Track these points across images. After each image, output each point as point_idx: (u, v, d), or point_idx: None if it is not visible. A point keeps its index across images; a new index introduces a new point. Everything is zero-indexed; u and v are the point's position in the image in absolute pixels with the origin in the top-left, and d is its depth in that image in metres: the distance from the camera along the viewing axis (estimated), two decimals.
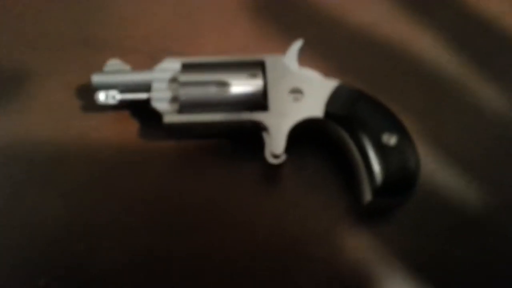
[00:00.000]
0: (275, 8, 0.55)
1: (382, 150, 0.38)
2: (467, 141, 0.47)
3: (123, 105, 0.47)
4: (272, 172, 0.45)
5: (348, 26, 0.54)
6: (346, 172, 0.43)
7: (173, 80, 0.44)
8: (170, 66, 0.45)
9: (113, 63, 0.47)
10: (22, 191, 0.46)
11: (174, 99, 0.44)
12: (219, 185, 0.46)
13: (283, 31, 0.53)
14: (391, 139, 0.39)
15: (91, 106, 0.49)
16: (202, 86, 0.43)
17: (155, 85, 0.44)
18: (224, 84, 0.42)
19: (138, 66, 0.49)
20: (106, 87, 0.46)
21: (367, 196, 0.39)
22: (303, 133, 0.44)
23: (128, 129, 0.49)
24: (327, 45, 0.52)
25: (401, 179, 0.38)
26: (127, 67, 0.47)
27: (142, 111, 0.48)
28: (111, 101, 0.46)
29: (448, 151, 0.46)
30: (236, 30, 0.54)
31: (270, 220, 0.45)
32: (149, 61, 0.51)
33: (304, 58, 0.47)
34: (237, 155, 0.46)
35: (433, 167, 0.45)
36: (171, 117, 0.43)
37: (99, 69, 0.48)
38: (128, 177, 0.47)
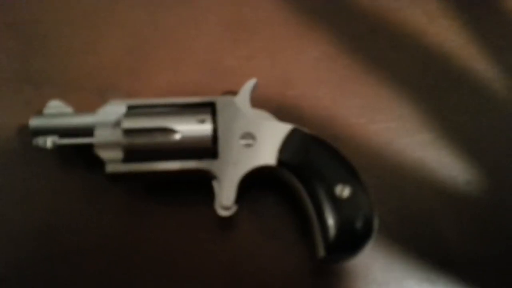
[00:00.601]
0: (229, 42, 0.53)
1: (336, 203, 0.37)
2: None
3: (64, 149, 0.44)
4: (225, 219, 0.43)
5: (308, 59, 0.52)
6: (302, 220, 0.41)
7: (117, 124, 0.41)
8: (114, 108, 0.42)
9: (54, 105, 0.44)
10: None
11: (117, 145, 0.41)
12: (168, 233, 0.43)
13: (237, 67, 0.51)
14: (344, 191, 0.37)
15: (32, 149, 0.45)
16: (147, 134, 0.40)
17: (98, 131, 0.42)
18: (171, 131, 0.40)
19: (84, 103, 0.46)
20: (46, 131, 0.42)
21: (321, 251, 0.37)
22: (256, 179, 0.42)
23: (70, 175, 0.46)
24: (284, 84, 0.49)
25: (355, 234, 0.36)
26: (68, 109, 0.44)
27: (85, 155, 0.44)
28: (49, 146, 0.42)
29: None
30: (188, 65, 0.52)
31: (223, 270, 0.42)
32: (96, 98, 0.49)
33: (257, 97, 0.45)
34: (187, 202, 0.44)
35: None
36: (114, 167, 0.40)
37: (42, 107, 0.45)
38: (72, 224, 0.44)
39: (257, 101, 0.45)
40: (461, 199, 0.45)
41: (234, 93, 0.46)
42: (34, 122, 0.42)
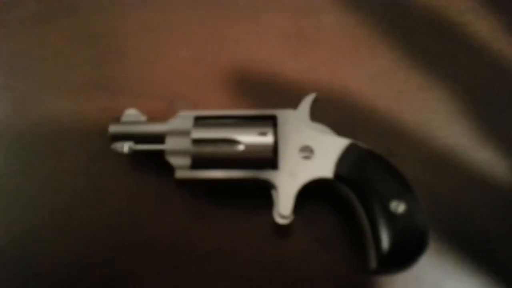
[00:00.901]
0: (289, 55, 0.55)
1: (390, 218, 0.38)
2: None
3: (140, 153, 0.48)
4: (281, 226, 0.45)
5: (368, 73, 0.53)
6: (355, 232, 0.43)
7: (186, 133, 0.45)
8: (184, 119, 0.46)
9: (130, 114, 0.48)
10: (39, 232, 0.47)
11: (186, 153, 0.44)
12: (227, 236, 0.46)
13: (297, 79, 0.53)
14: (399, 207, 0.38)
15: (108, 151, 0.49)
16: (213, 144, 0.43)
17: (168, 139, 0.45)
18: (235, 142, 0.43)
19: (155, 110, 0.51)
20: (122, 137, 0.46)
21: (373, 263, 0.39)
22: (314, 190, 0.44)
23: (141, 177, 0.49)
24: (342, 98, 0.51)
25: (408, 250, 0.37)
26: (143, 117, 0.48)
27: (155, 160, 0.48)
28: (126, 151, 0.46)
29: None
30: (250, 76, 0.55)
31: (276, 274, 0.45)
32: (165, 106, 0.53)
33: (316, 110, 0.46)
34: (247, 208, 0.47)
35: None
36: (183, 173, 0.43)
37: (118, 112, 0.49)
38: (139, 224, 0.47)
39: (316, 114, 0.46)
40: None
41: (294, 105, 0.49)
42: (113, 128, 0.46)
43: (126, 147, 0.46)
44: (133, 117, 0.48)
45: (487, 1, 0.55)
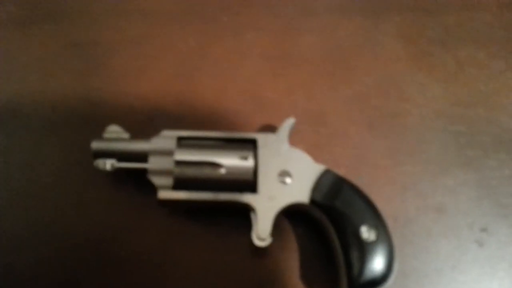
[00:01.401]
0: (269, 75, 0.56)
1: (361, 244, 0.40)
2: None
3: (120, 171, 0.48)
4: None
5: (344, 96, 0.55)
6: (328, 254, 0.45)
7: (169, 153, 0.45)
8: (167, 138, 0.46)
9: (113, 130, 0.48)
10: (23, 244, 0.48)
11: (169, 173, 0.45)
12: (207, 255, 0.47)
13: (276, 100, 0.54)
14: (370, 235, 0.41)
15: (87, 168, 0.49)
16: (196, 166, 0.44)
17: (151, 158, 0.46)
18: (217, 166, 0.44)
19: (136, 126, 0.51)
20: (105, 154, 0.47)
21: (343, 286, 0.41)
22: (290, 213, 0.46)
23: (122, 193, 0.50)
24: (318, 120, 0.53)
25: (376, 276, 0.40)
26: (125, 134, 0.48)
27: (137, 178, 0.48)
28: (108, 168, 0.47)
29: None
30: (230, 94, 0.56)
31: None
32: (147, 122, 0.54)
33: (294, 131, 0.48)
34: (226, 227, 0.48)
35: None
36: (165, 194, 0.44)
37: (97, 126, 0.49)
38: (119, 240, 0.48)
39: (293, 136, 0.48)
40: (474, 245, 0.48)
41: (272, 127, 0.50)
42: (95, 145, 0.47)
43: (108, 164, 0.46)
44: (115, 133, 0.48)
45: (454, 32, 0.58)
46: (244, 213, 0.46)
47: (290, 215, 0.47)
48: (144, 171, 0.46)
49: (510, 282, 0.45)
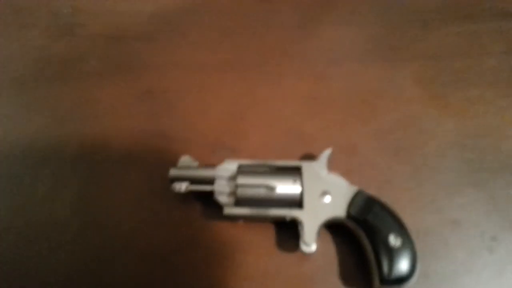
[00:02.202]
0: (308, 113, 0.67)
1: (390, 249, 0.50)
2: None
3: (189, 195, 0.59)
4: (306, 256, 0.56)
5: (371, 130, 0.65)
6: (362, 258, 0.54)
7: (231, 179, 0.56)
8: (229, 166, 0.57)
9: (185, 160, 0.60)
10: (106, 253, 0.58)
11: (231, 194, 0.56)
12: (262, 261, 0.57)
13: (314, 134, 0.65)
14: (397, 241, 0.50)
15: (162, 189, 0.61)
16: (254, 188, 0.55)
17: (217, 182, 0.57)
18: (272, 188, 0.55)
19: (201, 156, 0.61)
20: (180, 179, 0.58)
21: (376, 283, 0.50)
22: (330, 225, 0.56)
23: (191, 210, 0.60)
24: (349, 150, 0.63)
25: (402, 274, 0.49)
26: (195, 163, 0.60)
27: (204, 197, 0.59)
28: (183, 190, 0.58)
29: None
30: (276, 129, 0.66)
31: None
32: (209, 153, 0.64)
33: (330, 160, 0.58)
34: (278, 238, 0.57)
35: None
36: (230, 210, 0.55)
37: (169, 156, 0.61)
38: (189, 251, 0.58)
39: (330, 164, 0.58)
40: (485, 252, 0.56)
41: (312, 156, 0.61)
42: (173, 172, 0.58)
43: (183, 187, 0.58)
44: (186, 162, 0.59)
45: (464, 75, 0.68)
46: (291, 226, 0.55)
47: (330, 227, 0.56)
48: (210, 193, 0.57)
49: None
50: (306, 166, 0.55)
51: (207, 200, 0.58)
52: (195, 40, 0.75)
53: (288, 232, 0.57)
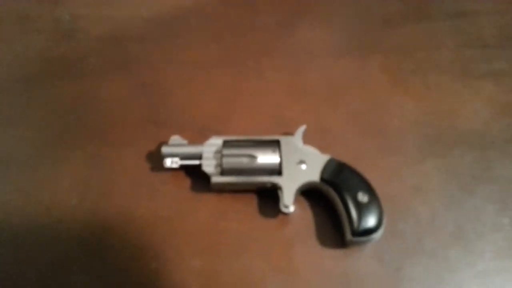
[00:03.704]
0: (287, 101, 0.72)
1: (358, 205, 0.54)
2: None
3: (181, 168, 0.63)
4: (284, 218, 0.60)
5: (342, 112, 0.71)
6: (335, 218, 0.59)
7: (217, 152, 0.61)
8: (215, 142, 0.62)
9: (175, 138, 0.64)
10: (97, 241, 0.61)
11: (218, 165, 0.60)
12: (247, 226, 0.60)
13: (293, 117, 0.70)
14: (364, 198, 0.55)
15: (156, 168, 0.65)
16: (238, 157, 0.59)
17: (205, 155, 0.61)
18: (253, 157, 0.59)
19: (191, 138, 0.64)
20: (171, 155, 0.62)
21: (348, 235, 0.54)
22: (305, 191, 0.60)
23: (182, 185, 0.64)
24: (324, 129, 0.68)
25: (370, 225, 0.53)
26: (184, 141, 0.64)
27: (193, 172, 0.63)
28: (174, 166, 0.61)
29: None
30: (260, 115, 0.70)
31: (281, 250, 0.59)
32: (197, 135, 0.68)
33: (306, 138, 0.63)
34: (260, 206, 0.61)
35: None
36: (217, 179, 0.59)
37: (162, 140, 0.64)
38: (182, 219, 0.62)
39: (306, 141, 0.63)
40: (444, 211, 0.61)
41: (291, 134, 0.66)
42: (164, 149, 0.62)
43: (174, 162, 0.62)
44: (177, 140, 0.63)
45: (423, 64, 0.75)
46: (272, 193, 0.59)
47: (307, 194, 0.60)
48: (199, 167, 0.61)
49: None
50: (284, 139, 0.60)
51: (196, 175, 0.62)
52: (185, 41, 0.80)
53: (269, 201, 0.60)
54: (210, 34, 0.81)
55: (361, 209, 0.53)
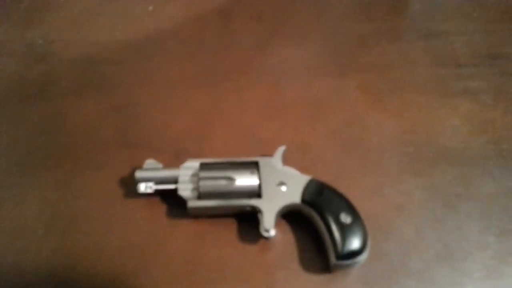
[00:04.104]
0: (265, 119, 0.70)
1: (341, 227, 0.51)
2: None
3: (156, 193, 0.59)
4: (265, 243, 0.57)
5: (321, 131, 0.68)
6: (318, 241, 0.55)
7: (194, 175, 0.57)
8: (192, 165, 0.58)
9: (150, 162, 0.60)
10: (77, 258, 0.56)
11: (194, 189, 0.56)
12: (226, 252, 0.57)
13: (270, 137, 0.67)
14: (347, 219, 0.52)
15: (130, 194, 0.61)
16: (215, 180, 0.56)
17: (181, 179, 0.57)
18: (231, 179, 0.56)
19: (166, 162, 0.61)
20: (145, 180, 0.58)
21: (332, 259, 0.51)
22: (286, 213, 0.57)
23: (158, 211, 0.60)
24: (303, 148, 0.66)
25: (355, 247, 0.50)
26: (159, 165, 0.60)
27: (169, 198, 0.59)
28: (149, 191, 0.58)
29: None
30: (237, 135, 0.68)
31: (262, 275, 0.55)
32: (173, 158, 0.65)
33: (286, 158, 0.61)
34: (240, 231, 0.58)
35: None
36: (193, 203, 0.55)
37: (136, 164, 0.61)
38: (158, 246, 0.58)
39: (285, 161, 0.60)
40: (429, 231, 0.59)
41: (270, 155, 0.63)
42: (138, 174, 0.58)
43: (148, 187, 0.58)
44: (152, 164, 0.60)
45: (399, 83, 0.74)
46: (252, 217, 0.56)
47: (288, 217, 0.57)
48: (175, 192, 0.57)
49: None
50: (262, 160, 0.57)
51: (172, 200, 0.58)
52: (161, 62, 0.78)
53: (249, 225, 0.57)
54: (186, 55, 0.79)
55: (345, 230, 0.51)
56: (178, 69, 0.77)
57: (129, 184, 0.61)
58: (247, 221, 0.57)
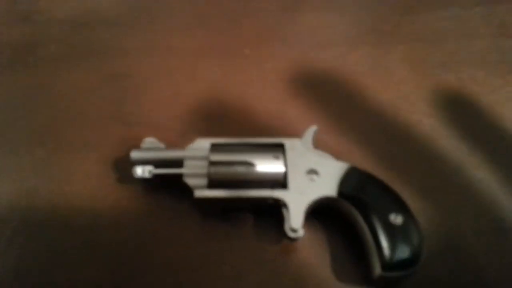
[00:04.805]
0: (290, 95, 0.61)
1: (390, 229, 0.42)
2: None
3: (156, 179, 0.51)
4: (289, 244, 0.48)
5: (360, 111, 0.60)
6: (357, 245, 0.46)
7: (203, 158, 0.48)
8: (201, 145, 0.50)
9: (149, 141, 0.52)
10: (60, 256, 0.49)
11: (203, 176, 0.48)
12: (241, 255, 0.48)
13: (298, 115, 0.58)
14: (397, 219, 0.42)
15: (125, 178, 0.53)
16: (230, 166, 0.47)
17: (187, 162, 0.49)
18: (250, 165, 0.47)
19: (169, 143, 0.53)
20: (143, 162, 0.50)
21: (377, 270, 0.42)
22: (318, 210, 0.48)
23: (157, 201, 0.52)
24: (338, 131, 0.57)
25: (407, 256, 0.41)
26: (161, 144, 0.52)
27: (171, 184, 0.51)
28: (147, 175, 0.50)
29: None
30: (257, 112, 0.59)
31: (284, 286, 0.47)
32: (178, 137, 0.57)
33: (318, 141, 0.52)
34: (258, 228, 0.49)
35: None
36: (201, 192, 0.47)
37: (134, 144, 0.52)
38: (157, 246, 0.49)
39: (317, 143, 0.51)
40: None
41: (297, 136, 0.54)
42: (134, 154, 0.50)
43: (147, 171, 0.49)
44: (152, 144, 0.52)
45: (454, 57, 0.64)
46: (274, 212, 0.47)
47: (319, 213, 0.48)
48: (179, 177, 0.48)
49: None
50: (289, 142, 0.49)
51: (175, 188, 0.50)
52: (165, 25, 0.70)
53: (270, 222, 0.49)
54: (196, 18, 0.71)
55: (395, 234, 0.41)
56: (186, 35, 0.69)
57: (123, 168, 0.54)
58: (268, 216, 0.49)
